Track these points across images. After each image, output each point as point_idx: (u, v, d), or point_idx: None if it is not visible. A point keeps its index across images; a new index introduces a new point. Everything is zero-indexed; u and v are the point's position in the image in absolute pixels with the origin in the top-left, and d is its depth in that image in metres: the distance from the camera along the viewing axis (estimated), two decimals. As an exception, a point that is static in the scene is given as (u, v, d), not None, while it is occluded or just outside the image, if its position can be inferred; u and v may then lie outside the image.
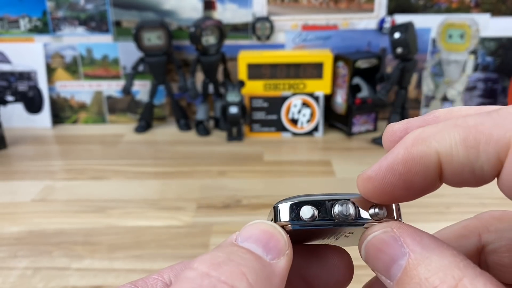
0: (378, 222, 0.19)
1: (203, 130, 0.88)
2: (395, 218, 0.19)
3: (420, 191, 0.17)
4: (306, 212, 0.19)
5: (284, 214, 0.19)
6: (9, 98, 0.95)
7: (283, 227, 0.19)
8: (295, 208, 0.19)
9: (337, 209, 0.19)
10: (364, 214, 0.19)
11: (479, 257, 0.20)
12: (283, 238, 0.18)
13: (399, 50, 0.77)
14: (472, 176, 0.15)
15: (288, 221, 0.19)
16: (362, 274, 0.44)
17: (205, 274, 0.15)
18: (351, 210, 0.18)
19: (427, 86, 0.88)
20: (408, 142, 0.16)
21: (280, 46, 0.92)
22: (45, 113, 0.95)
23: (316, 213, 0.19)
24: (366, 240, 0.18)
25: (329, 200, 0.19)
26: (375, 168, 0.17)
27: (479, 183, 0.16)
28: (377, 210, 0.19)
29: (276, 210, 0.19)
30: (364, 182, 0.18)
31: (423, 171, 0.16)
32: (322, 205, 0.19)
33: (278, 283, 0.16)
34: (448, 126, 0.15)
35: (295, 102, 0.86)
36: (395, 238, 0.17)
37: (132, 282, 0.19)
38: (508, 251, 0.19)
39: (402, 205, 0.59)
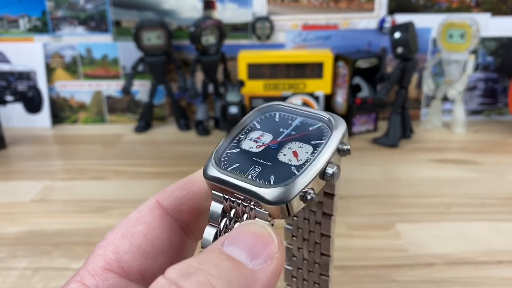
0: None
1: (203, 130, 0.88)
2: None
3: None
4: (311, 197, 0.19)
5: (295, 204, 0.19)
6: (9, 98, 0.95)
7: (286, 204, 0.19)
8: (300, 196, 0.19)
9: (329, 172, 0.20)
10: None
11: None
12: (273, 241, 0.17)
13: (399, 50, 0.77)
14: None
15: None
16: (362, 275, 0.44)
17: (173, 283, 0.15)
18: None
19: (428, 86, 0.88)
20: None
21: (280, 46, 0.92)
22: (45, 113, 0.95)
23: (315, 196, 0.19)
24: None
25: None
26: None
27: None
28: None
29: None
30: None
31: None
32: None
33: None
34: None
35: (295, 102, 0.86)
36: None
37: (78, 278, 0.20)
38: None
39: (403, 205, 0.59)
